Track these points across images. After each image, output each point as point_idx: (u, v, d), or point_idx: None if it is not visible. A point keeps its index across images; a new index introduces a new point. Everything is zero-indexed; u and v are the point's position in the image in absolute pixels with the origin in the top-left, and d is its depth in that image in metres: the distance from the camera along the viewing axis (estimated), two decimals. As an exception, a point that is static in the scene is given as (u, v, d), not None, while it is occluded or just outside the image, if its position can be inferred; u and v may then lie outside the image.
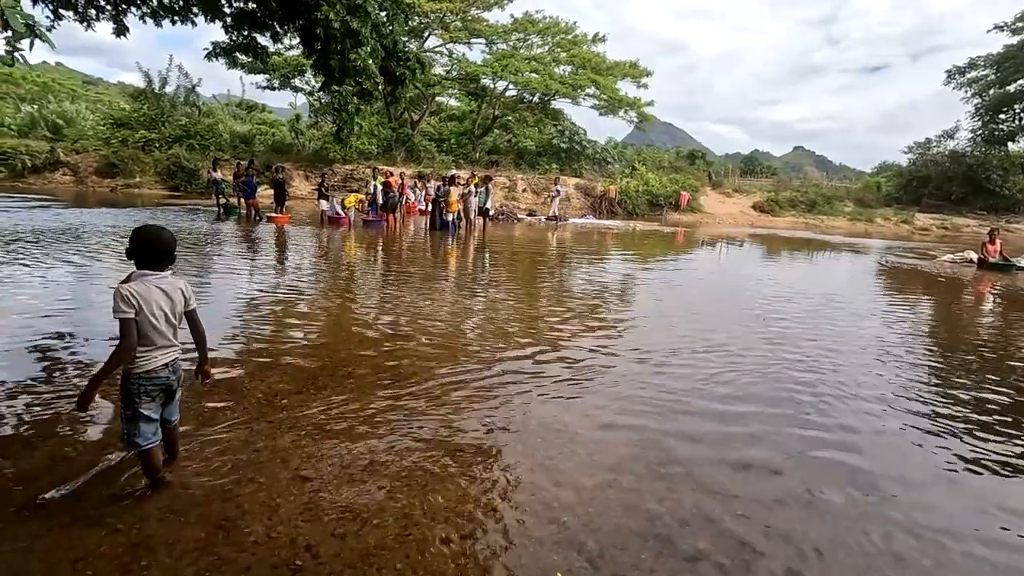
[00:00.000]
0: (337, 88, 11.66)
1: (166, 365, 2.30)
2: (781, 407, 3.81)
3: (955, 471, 3.11)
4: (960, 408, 4.03)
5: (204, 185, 20.59)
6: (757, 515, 2.52)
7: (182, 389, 2.50)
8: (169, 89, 27.10)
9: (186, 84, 27.49)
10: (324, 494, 2.45)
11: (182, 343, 2.43)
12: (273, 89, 31.06)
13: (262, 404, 3.32)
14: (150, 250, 2.27)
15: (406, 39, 10.91)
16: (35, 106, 30.76)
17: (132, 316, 2.14)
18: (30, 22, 5.10)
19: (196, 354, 2.58)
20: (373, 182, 15.18)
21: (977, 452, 3.34)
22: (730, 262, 12.95)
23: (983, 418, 3.86)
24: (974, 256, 13.58)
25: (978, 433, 3.60)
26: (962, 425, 3.72)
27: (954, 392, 4.36)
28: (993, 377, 4.74)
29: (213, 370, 2.72)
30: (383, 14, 10.22)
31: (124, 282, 2.21)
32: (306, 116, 32.38)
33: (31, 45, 7.52)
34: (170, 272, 2.34)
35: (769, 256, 14.41)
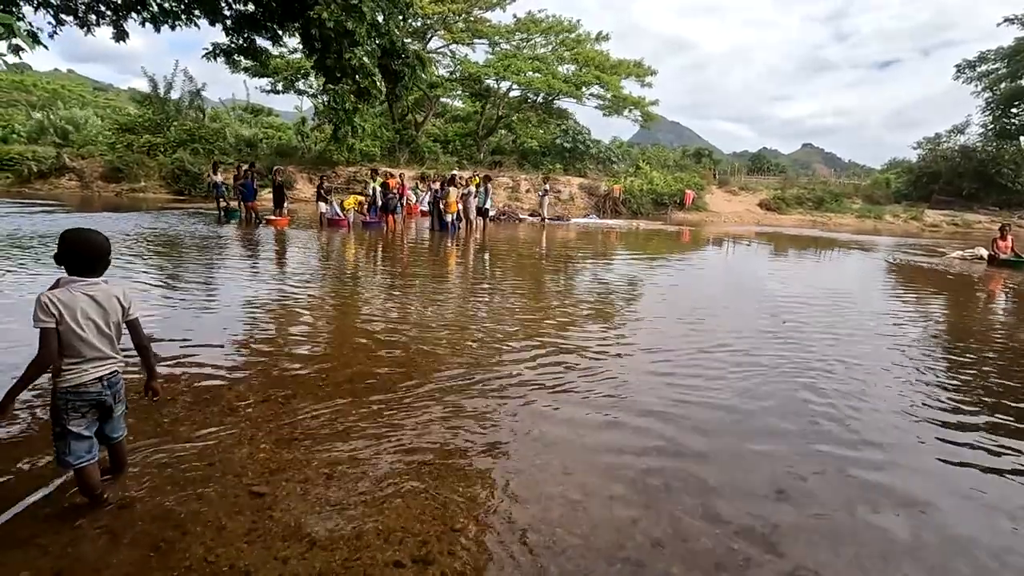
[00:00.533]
0: (333, 86, 11.63)
1: (99, 379, 2.16)
2: (791, 420, 3.60)
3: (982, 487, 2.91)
4: (984, 415, 3.82)
5: (206, 189, 20.63)
6: (739, 537, 2.35)
7: (124, 404, 2.36)
8: (175, 94, 27.23)
9: (191, 89, 27.59)
10: (274, 512, 2.31)
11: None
12: (277, 92, 31.11)
13: (225, 413, 3.19)
14: (78, 255, 2.12)
15: (408, 39, 10.79)
16: (44, 112, 31.13)
17: (52, 326, 2.00)
18: (7, 22, 5.02)
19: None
20: (372, 184, 15.09)
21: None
22: (736, 261, 12.71)
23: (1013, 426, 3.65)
24: (984, 253, 13.25)
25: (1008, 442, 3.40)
26: (988, 434, 3.52)
27: (975, 396, 4.14)
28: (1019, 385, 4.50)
29: (172, 379, 2.58)
30: (379, 15, 10.16)
31: (51, 288, 2.08)
32: (311, 119, 32.43)
33: (11, 48, 7.52)
34: (103, 279, 2.20)
35: (776, 254, 14.15)
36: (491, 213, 15.81)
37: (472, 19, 28.83)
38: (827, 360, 4.80)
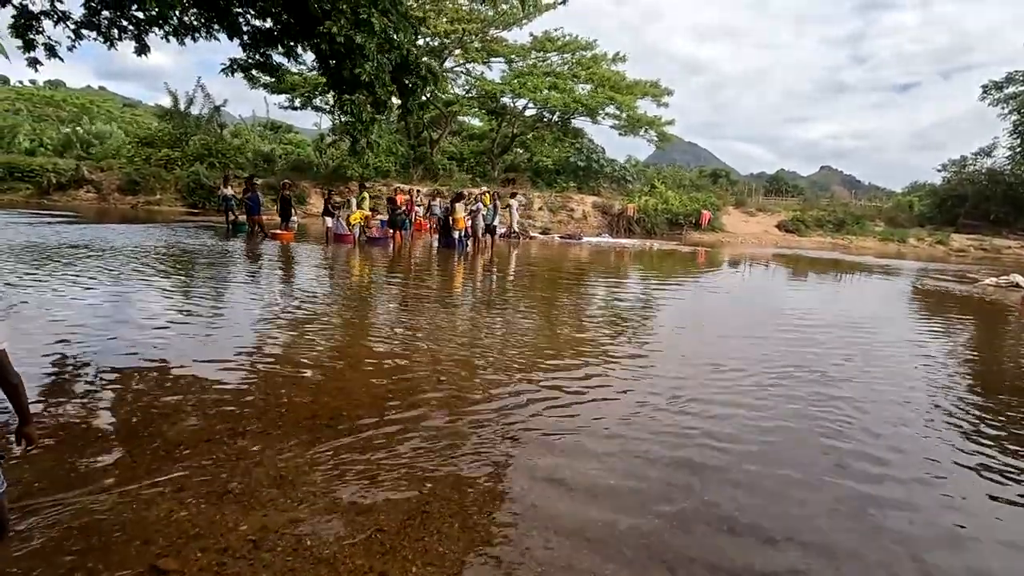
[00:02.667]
0: (350, 97, 11.49)
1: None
2: (816, 480, 3.10)
3: None
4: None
5: (217, 202, 20.67)
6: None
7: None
8: (196, 109, 27.58)
9: (211, 104, 27.98)
10: (175, 597, 1.87)
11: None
12: (295, 109, 31.39)
13: (157, 458, 2.76)
14: None
15: (418, 53, 10.65)
16: (72, 126, 31.96)
17: None
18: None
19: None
20: (353, 199, 14.59)
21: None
22: (754, 285, 12.12)
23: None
24: (1022, 280, 12.49)
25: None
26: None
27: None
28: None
29: (106, 410, 2.15)
30: (390, 29, 10.06)
31: None
32: (328, 135, 32.68)
33: (29, 61, 7.50)
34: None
35: (796, 278, 13.52)
36: (500, 231, 15.43)
37: (488, 38, 28.90)
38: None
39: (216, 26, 9.24)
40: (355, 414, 3.47)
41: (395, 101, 12.21)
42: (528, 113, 31.54)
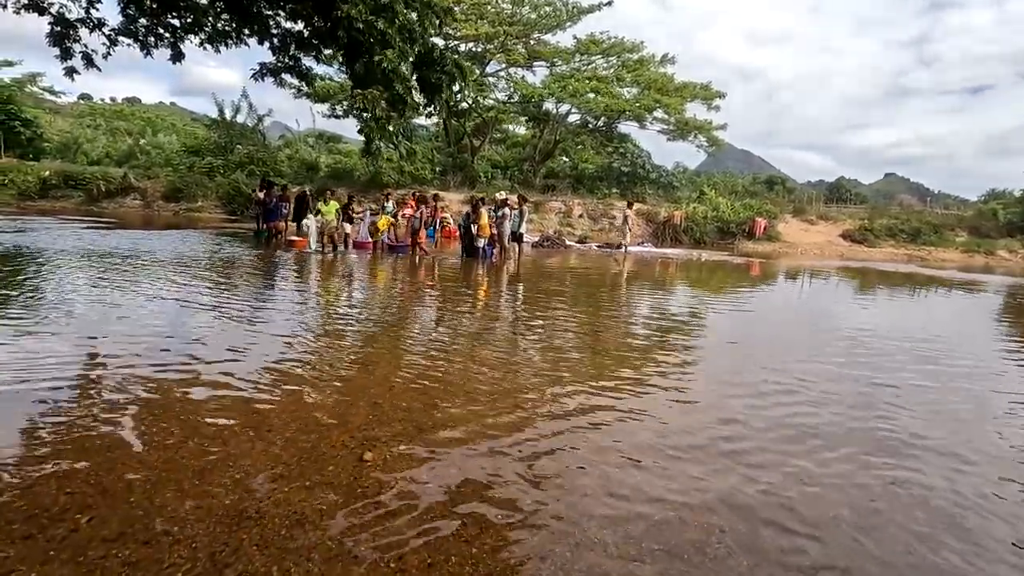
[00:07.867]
0: (362, 92, 10.85)
1: None
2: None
3: None
4: None
5: (253, 207, 20.63)
6: None
7: None
8: (240, 118, 28.05)
9: (255, 114, 28.44)
10: None
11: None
12: (338, 117, 31.47)
13: None
14: None
15: (443, 47, 9.97)
16: (135, 138, 33.64)
17: None
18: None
19: None
20: (322, 206, 13.38)
21: None
22: (819, 305, 10.45)
23: None
24: None
25: None
26: None
27: None
28: None
29: None
30: (413, 14, 9.44)
31: None
32: (374, 144, 32.54)
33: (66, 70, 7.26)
34: None
35: (870, 296, 11.69)
36: (527, 238, 14.32)
37: (532, 42, 28.06)
38: None
39: (246, 31, 8.98)
40: (187, 535, 2.13)
41: (416, 98, 11.50)
42: (572, 119, 30.45)
